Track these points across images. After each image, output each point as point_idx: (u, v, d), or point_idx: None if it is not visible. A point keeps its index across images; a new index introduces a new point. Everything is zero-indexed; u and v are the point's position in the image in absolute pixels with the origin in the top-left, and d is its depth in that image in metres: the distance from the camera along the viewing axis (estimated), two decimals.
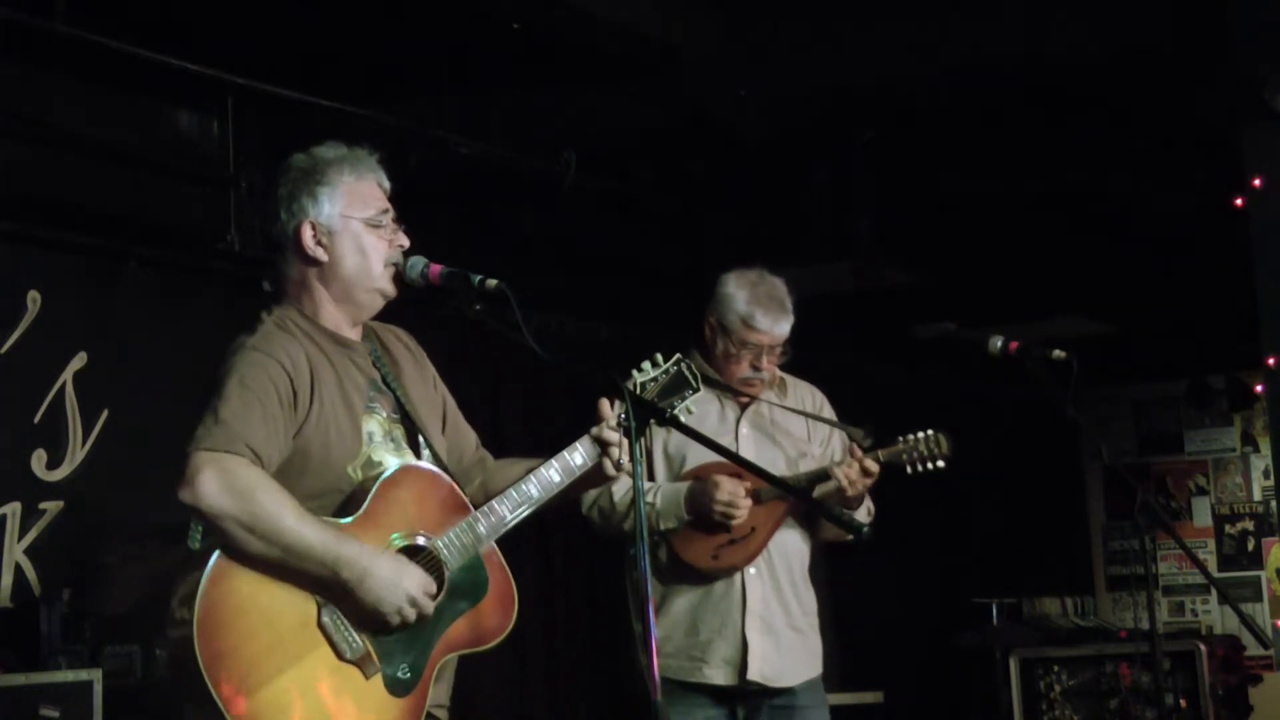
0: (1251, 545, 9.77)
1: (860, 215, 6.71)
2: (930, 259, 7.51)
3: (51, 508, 5.04)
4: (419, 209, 3.31)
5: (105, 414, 5.20)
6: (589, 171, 6.01)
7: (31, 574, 4.95)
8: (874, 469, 4.21)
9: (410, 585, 2.94)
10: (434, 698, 3.05)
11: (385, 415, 3.17)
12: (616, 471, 3.26)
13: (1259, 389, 8.57)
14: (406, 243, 3.21)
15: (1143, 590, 6.93)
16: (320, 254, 3.15)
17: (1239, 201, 5.87)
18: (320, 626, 2.89)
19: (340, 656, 2.90)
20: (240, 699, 2.78)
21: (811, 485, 4.28)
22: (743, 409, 4.42)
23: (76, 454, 5.13)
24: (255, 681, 2.80)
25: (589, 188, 6.06)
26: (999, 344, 4.25)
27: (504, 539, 3.17)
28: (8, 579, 4.89)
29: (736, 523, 4.19)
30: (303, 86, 5.23)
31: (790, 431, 4.43)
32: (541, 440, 3.34)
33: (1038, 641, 7.81)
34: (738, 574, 4.26)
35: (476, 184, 6.05)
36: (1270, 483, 9.33)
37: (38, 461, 5.03)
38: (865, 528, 3.43)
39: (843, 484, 4.17)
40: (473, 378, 6.53)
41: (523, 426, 6.78)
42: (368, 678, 2.92)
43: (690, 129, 6.10)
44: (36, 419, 5.05)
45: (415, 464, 3.14)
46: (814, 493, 4.28)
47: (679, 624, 4.24)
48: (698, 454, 4.27)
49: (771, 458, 4.34)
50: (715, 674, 4.22)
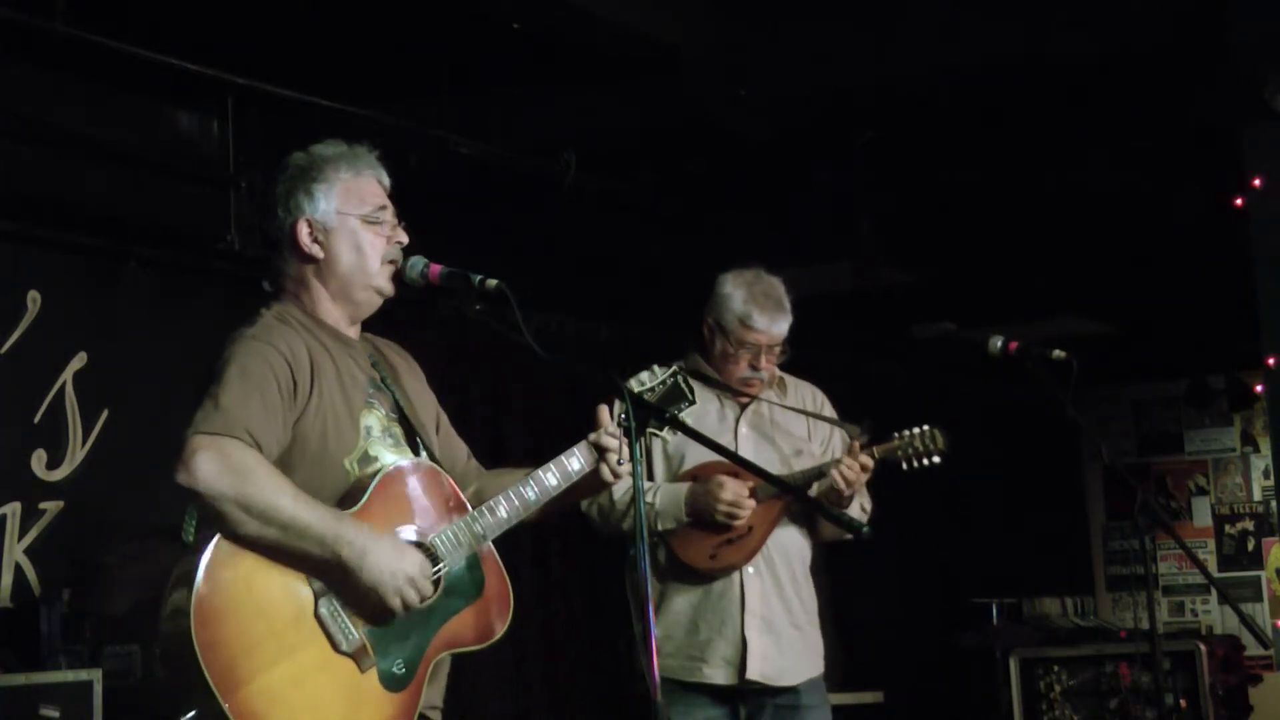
0: (1251, 545, 9.77)
1: (860, 215, 6.71)
2: (930, 259, 7.51)
3: (51, 508, 5.04)
4: (419, 209, 3.31)
5: (105, 414, 5.20)
6: (589, 171, 6.01)
7: (31, 574, 4.96)
8: (869, 464, 4.22)
9: (410, 567, 2.93)
10: (427, 699, 3.04)
11: (384, 413, 3.17)
12: (615, 478, 3.26)
13: (1259, 389, 8.58)
14: (405, 240, 3.21)
15: (1143, 590, 6.93)
16: (316, 251, 3.15)
17: (1239, 201, 5.88)
18: (317, 617, 2.88)
19: (336, 648, 2.89)
20: (235, 688, 2.76)
21: (808, 483, 4.28)
22: (742, 409, 4.42)
23: (76, 454, 5.13)
24: (250, 671, 2.79)
25: (589, 188, 6.06)
26: (999, 344, 4.26)
27: (503, 539, 3.17)
28: (8, 579, 4.89)
29: (739, 524, 4.19)
30: (303, 86, 5.24)
31: (790, 431, 4.44)
32: (542, 441, 3.34)
33: (1038, 641, 7.81)
34: (736, 573, 4.26)
35: (476, 184, 6.05)
36: (1270, 483, 9.33)
37: (38, 461, 5.04)
38: (865, 527, 3.43)
39: (837, 483, 4.17)
40: (473, 378, 6.53)
41: (523, 426, 6.79)
42: (363, 671, 2.91)
43: (690, 129, 6.09)
44: (36, 419, 5.05)
45: (416, 460, 3.14)
46: (813, 488, 4.29)
47: (678, 624, 4.24)
48: (696, 454, 4.27)
49: (770, 457, 4.34)
50: (715, 673, 4.22)
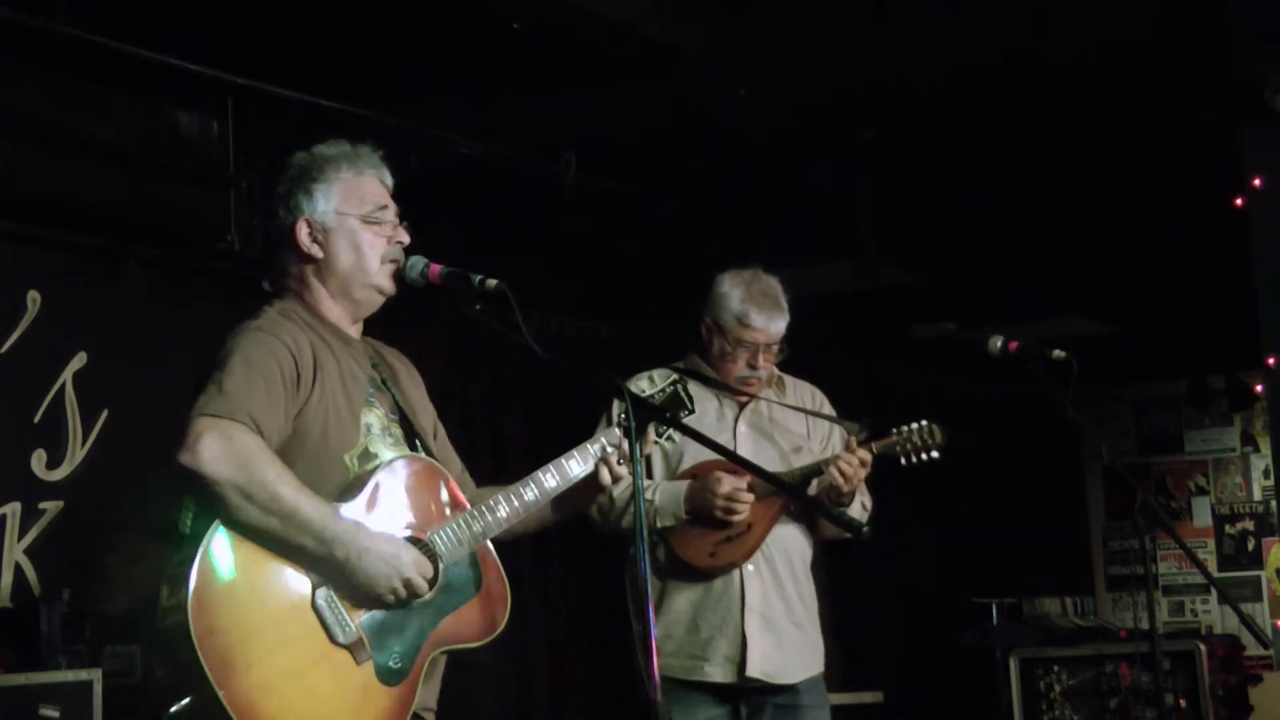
0: (1251, 545, 9.76)
1: (860, 215, 6.71)
2: (930, 259, 7.51)
3: (51, 508, 5.04)
4: (419, 209, 3.31)
5: (105, 414, 5.20)
6: (589, 172, 6.01)
7: (31, 574, 4.95)
8: (867, 459, 4.22)
9: (406, 564, 2.93)
10: (422, 699, 3.04)
11: (383, 412, 3.18)
12: (613, 481, 3.26)
13: (1259, 389, 8.58)
14: (406, 239, 3.22)
15: (1143, 590, 6.94)
16: (316, 251, 3.17)
17: (1239, 201, 5.88)
18: (314, 608, 2.89)
19: (333, 640, 2.89)
20: (230, 675, 2.76)
21: (807, 480, 4.28)
22: (740, 408, 4.42)
23: (76, 454, 5.13)
24: (246, 659, 2.79)
25: (589, 188, 6.06)
26: (999, 344, 4.26)
27: (503, 538, 3.18)
28: (8, 579, 4.89)
29: (738, 518, 4.19)
30: (303, 86, 5.24)
31: (789, 429, 4.44)
32: (542, 441, 3.34)
33: (1038, 641, 7.81)
34: (736, 571, 4.26)
35: (476, 184, 6.05)
36: (1270, 483, 9.32)
37: (38, 461, 5.04)
38: (865, 527, 3.43)
39: (836, 480, 4.17)
40: (473, 378, 6.53)
41: (523, 427, 6.79)
42: (359, 664, 2.91)
43: (690, 129, 6.10)
44: (36, 419, 5.05)
45: (415, 456, 3.15)
46: (812, 486, 4.29)
47: (679, 622, 4.24)
48: (695, 453, 4.27)
49: (770, 455, 4.35)
50: (716, 671, 4.22)
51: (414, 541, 3.01)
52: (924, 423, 4.34)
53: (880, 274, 6.97)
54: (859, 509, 4.34)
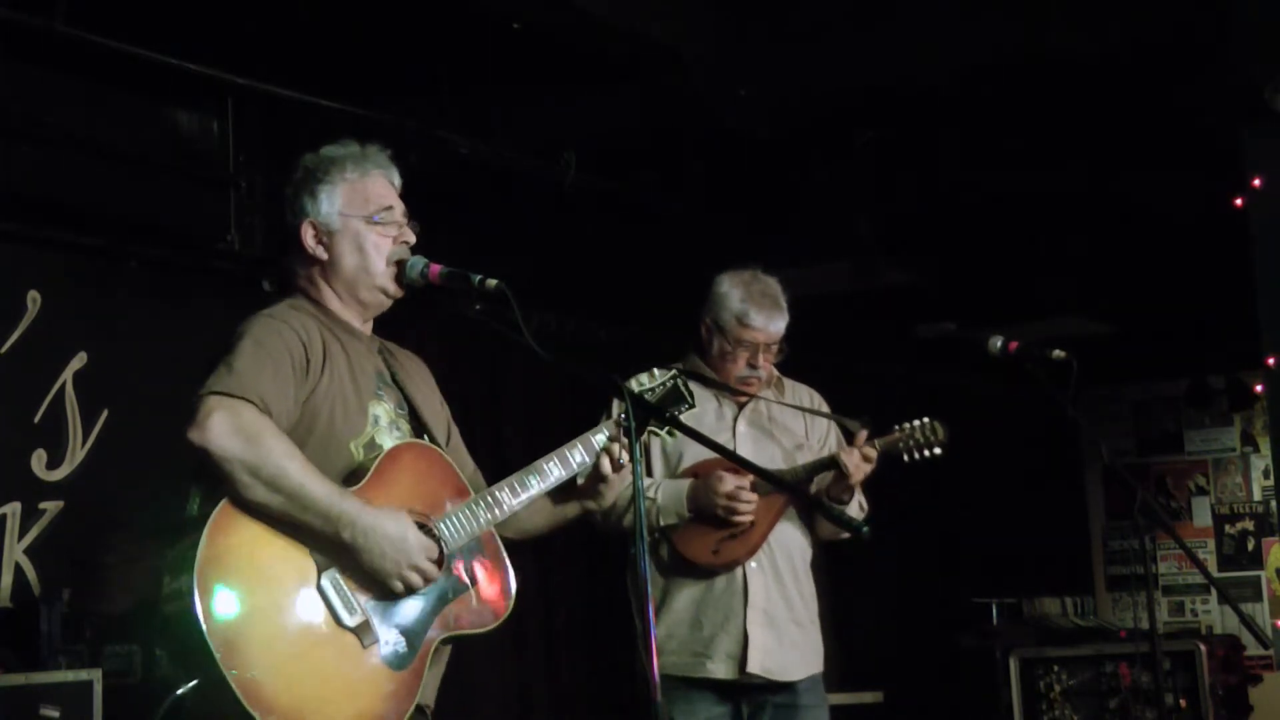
0: (1251, 545, 9.76)
1: (860, 215, 6.71)
2: (930, 259, 7.51)
3: (51, 508, 5.04)
4: (419, 209, 3.32)
5: (105, 414, 5.20)
6: (589, 172, 6.01)
7: (31, 574, 4.95)
8: (871, 455, 4.23)
9: (412, 548, 2.94)
10: (425, 691, 3.03)
11: (391, 407, 3.19)
12: (615, 470, 3.27)
13: (1259, 389, 8.57)
14: (413, 239, 3.22)
15: (1143, 590, 6.93)
16: (321, 253, 3.18)
17: (1239, 201, 5.88)
18: (320, 590, 2.88)
19: (339, 623, 2.89)
20: (236, 656, 2.75)
21: (810, 477, 4.29)
22: (740, 407, 4.43)
23: (76, 454, 5.12)
24: (251, 640, 2.78)
25: (589, 188, 6.06)
26: (999, 344, 4.26)
27: (513, 539, 3.19)
28: (8, 579, 4.89)
29: (741, 517, 4.20)
30: (303, 86, 5.24)
31: (788, 428, 4.45)
32: (542, 441, 3.33)
33: (1038, 641, 7.80)
34: (739, 568, 4.27)
35: (476, 184, 6.05)
36: (1270, 483, 9.32)
37: (38, 461, 5.03)
38: (864, 527, 3.43)
39: (847, 470, 4.18)
40: (473, 378, 6.53)
41: (523, 426, 6.78)
42: (364, 647, 2.91)
43: (690, 129, 6.10)
44: (36, 419, 5.05)
45: (418, 441, 3.16)
46: (813, 484, 4.30)
47: (681, 620, 4.25)
48: (694, 453, 4.28)
49: (770, 454, 4.35)
50: (718, 668, 4.22)
51: (419, 527, 3.01)
52: (926, 420, 4.34)
53: (880, 274, 6.97)
54: (856, 509, 4.35)
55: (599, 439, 3.29)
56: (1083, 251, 7.58)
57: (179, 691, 2.81)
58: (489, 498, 3.13)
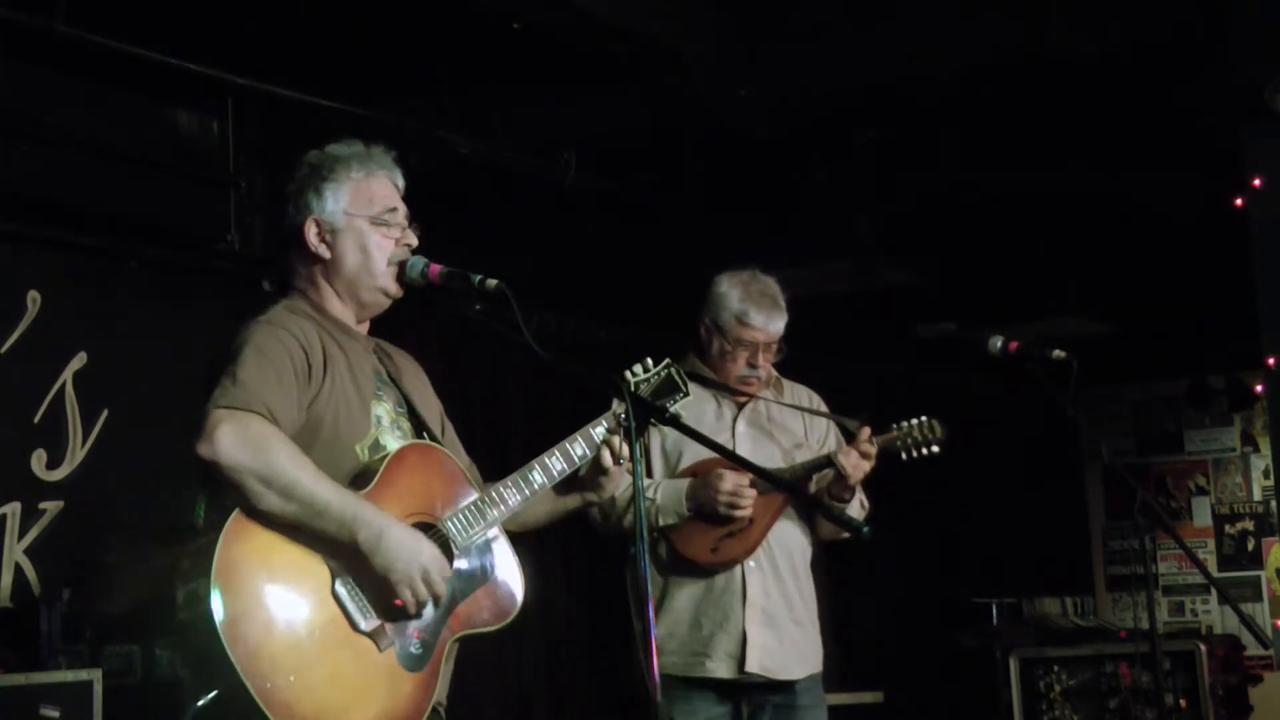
0: (1251, 545, 9.76)
1: (860, 215, 6.71)
2: (930, 259, 7.51)
3: (51, 508, 5.04)
4: (419, 209, 3.32)
5: (105, 414, 5.19)
6: (589, 172, 6.01)
7: (31, 574, 4.95)
8: (871, 452, 4.23)
9: (426, 557, 2.95)
10: (440, 690, 3.05)
11: (391, 406, 3.20)
12: (615, 463, 3.28)
13: (1259, 389, 8.57)
14: (415, 242, 3.22)
15: (1143, 590, 6.93)
16: (323, 251, 3.18)
17: (1239, 201, 5.88)
18: (334, 595, 2.90)
19: (355, 627, 2.90)
20: (256, 665, 2.76)
21: (809, 475, 4.29)
22: (739, 407, 4.43)
23: (76, 454, 5.12)
24: (271, 648, 2.80)
25: (589, 188, 6.06)
26: (999, 344, 4.26)
27: (514, 531, 3.19)
28: (8, 579, 4.89)
29: (742, 514, 4.20)
30: (303, 86, 5.24)
31: (788, 427, 4.45)
32: (542, 441, 3.34)
33: (1038, 641, 7.80)
34: (738, 567, 4.27)
35: (476, 184, 6.05)
36: (1270, 483, 9.32)
37: (38, 461, 5.03)
38: (864, 526, 3.43)
39: (845, 470, 4.18)
40: (473, 378, 6.53)
41: (523, 426, 6.78)
42: (381, 650, 2.93)
43: (690, 129, 6.10)
44: (36, 419, 5.05)
45: (424, 442, 3.17)
46: (812, 483, 4.30)
47: (681, 620, 4.25)
48: (694, 452, 4.28)
49: (769, 454, 4.36)
50: (718, 667, 4.23)
51: (428, 526, 3.03)
52: (925, 418, 4.35)
53: (880, 274, 6.97)
54: (858, 508, 4.35)
55: (599, 432, 3.31)
56: (1083, 251, 7.58)
57: (199, 703, 2.81)
58: (495, 495, 3.15)
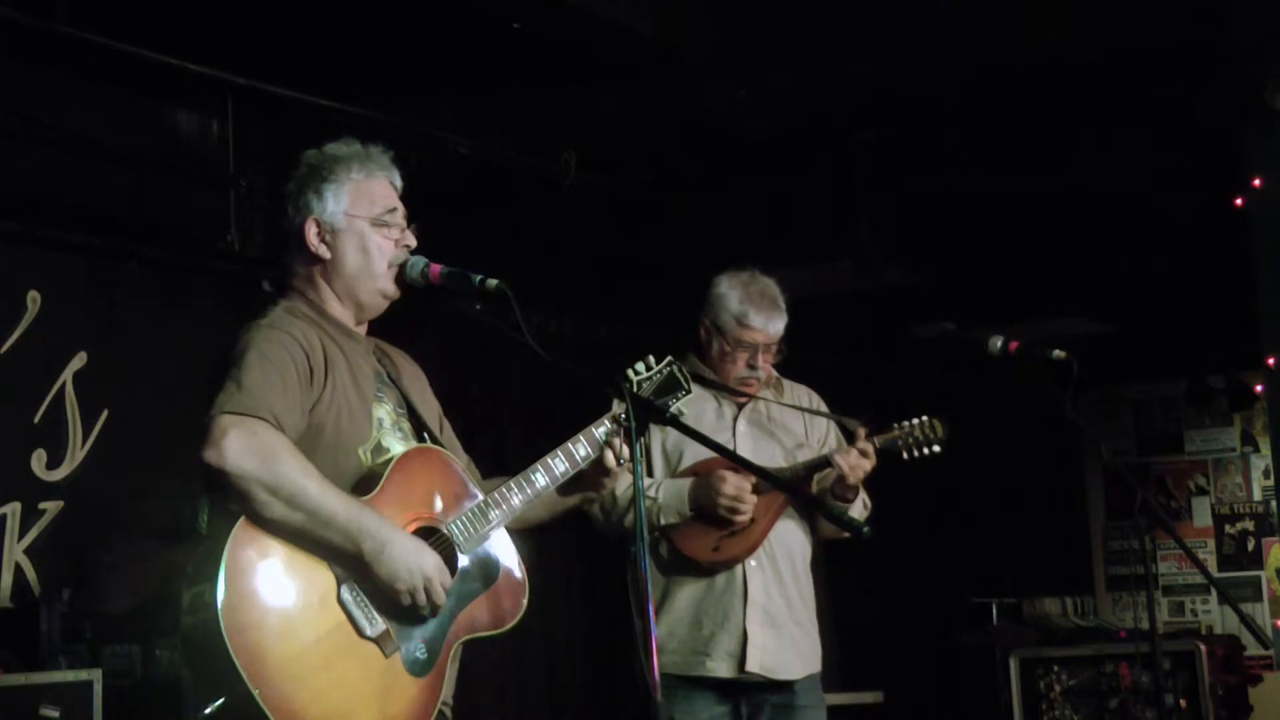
0: (1251, 545, 9.76)
1: (860, 215, 6.71)
2: (930, 259, 7.51)
3: (51, 508, 5.04)
4: (419, 209, 3.32)
5: (105, 414, 5.20)
6: (589, 171, 6.01)
7: (31, 574, 4.96)
8: (870, 452, 4.23)
9: (428, 567, 2.95)
10: (445, 691, 3.05)
11: (391, 407, 3.20)
12: (618, 464, 3.28)
13: (1259, 389, 8.57)
14: (414, 243, 3.22)
15: (1143, 590, 6.93)
16: (323, 251, 3.17)
17: (1239, 201, 5.88)
18: (340, 602, 2.90)
19: (360, 633, 2.90)
20: (263, 672, 2.76)
21: (809, 475, 4.29)
22: (740, 408, 4.43)
23: (76, 454, 5.13)
24: (277, 655, 2.80)
25: (589, 188, 6.06)
26: (999, 344, 4.26)
27: (513, 528, 3.20)
28: (8, 579, 4.89)
29: (740, 518, 4.20)
30: (303, 86, 5.24)
31: (788, 428, 4.45)
32: (542, 441, 3.34)
33: (1038, 641, 7.80)
34: (739, 566, 4.27)
35: (476, 184, 6.05)
36: (1270, 483, 9.31)
37: (38, 461, 5.04)
38: (865, 527, 3.43)
39: (844, 470, 4.18)
40: (473, 378, 6.53)
41: (523, 426, 6.79)
42: (386, 655, 2.93)
43: (690, 129, 6.10)
44: (36, 419, 5.05)
45: (427, 446, 3.17)
46: (814, 483, 4.30)
47: (681, 619, 4.25)
48: (695, 451, 4.28)
49: (770, 454, 4.35)
50: (718, 666, 4.22)
51: (431, 530, 3.03)
52: (925, 418, 4.35)
53: (880, 274, 6.97)
54: (860, 508, 4.35)
55: (601, 432, 3.31)
56: (1083, 251, 7.58)
57: (206, 711, 2.81)
58: (497, 497, 3.15)
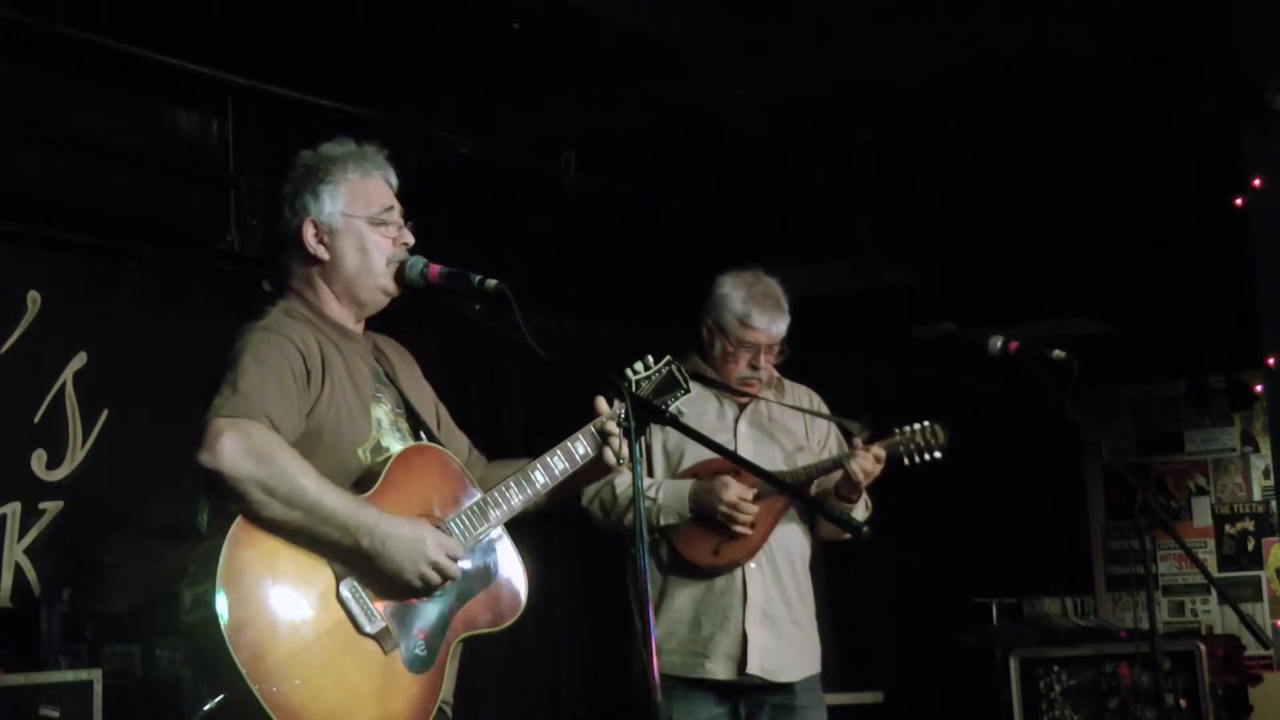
0: (1251, 545, 9.75)
1: (860, 215, 6.71)
2: (930, 259, 7.51)
3: (51, 508, 5.04)
4: (419, 209, 3.32)
5: (105, 414, 5.20)
6: (589, 171, 6.01)
7: (31, 574, 4.95)
8: (881, 456, 4.23)
9: (430, 548, 2.95)
10: (444, 689, 3.05)
11: (390, 407, 3.20)
12: (617, 463, 3.28)
13: (1259, 389, 8.57)
14: (411, 241, 3.22)
15: (1143, 590, 6.93)
16: (322, 253, 3.17)
17: (1239, 201, 5.88)
18: (339, 599, 2.90)
19: (360, 631, 2.91)
20: (262, 669, 2.77)
21: (810, 480, 4.29)
22: (741, 408, 4.43)
23: (76, 454, 5.13)
24: (277, 653, 2.80)
25: (589, 188, 6.06)
26: (999, 344, 4.26)
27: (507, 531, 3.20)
28: (8, 579, 4.89)
29: (740, 527, 4.20)
30: (303, 86, 5.24)
31: (789, 429, 4.45)
32: (542, 440, 3.34)
33: (1038, 641, 7.79)
34: (738, 569, 4.27)
35: (476, 184, 6.05)
36: (1270, 483, 9.31)
37: (38, 461, 5.04)
38: (865, 527, 3.43)
39: (856, 475, 4.18)
40: (473, 378, 6.53)
41: (523, 426, 6.78)
42: (386, 652, 2.93)
43: (690, 129, 6.10)
44: (36, 419, 5.05)
45: (426, 444, 3.17)
46: (815, 486, 4.29)
47: (681, 620, 4.25)
48: (695, 452, 4.28)
49: (770, 455, 4.35)
50: (718, 668, 4.22)
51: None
52: (927, 423, 4.35)
53: (880, 274, 6.97)
54: (862, 509, 4.35)
55: (599, 433, 3.30)
56: (1083, 251, 7.58)
57: (206, 708, 2.82)
58: (497, 496, 3.15)
